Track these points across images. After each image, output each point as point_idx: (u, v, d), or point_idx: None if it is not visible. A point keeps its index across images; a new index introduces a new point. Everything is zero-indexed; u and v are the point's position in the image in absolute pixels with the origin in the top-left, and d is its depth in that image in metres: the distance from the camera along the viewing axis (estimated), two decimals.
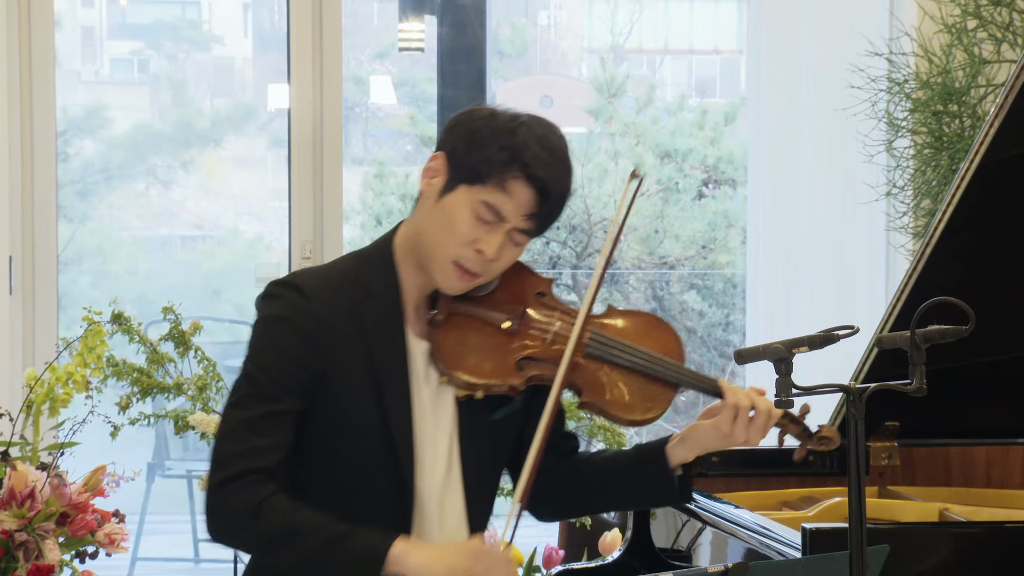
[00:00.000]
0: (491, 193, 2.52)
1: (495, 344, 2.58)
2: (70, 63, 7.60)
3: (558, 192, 2.53)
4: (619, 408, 2.58)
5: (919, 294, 3.24)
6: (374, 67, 8.23)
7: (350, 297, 2.56)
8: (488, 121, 2.55)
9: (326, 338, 2.53)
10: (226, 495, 2.49)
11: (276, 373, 2.53)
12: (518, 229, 2.54)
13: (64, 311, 5.35)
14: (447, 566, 2.44)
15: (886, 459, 3.54)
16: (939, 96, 4.78)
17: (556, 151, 2.54)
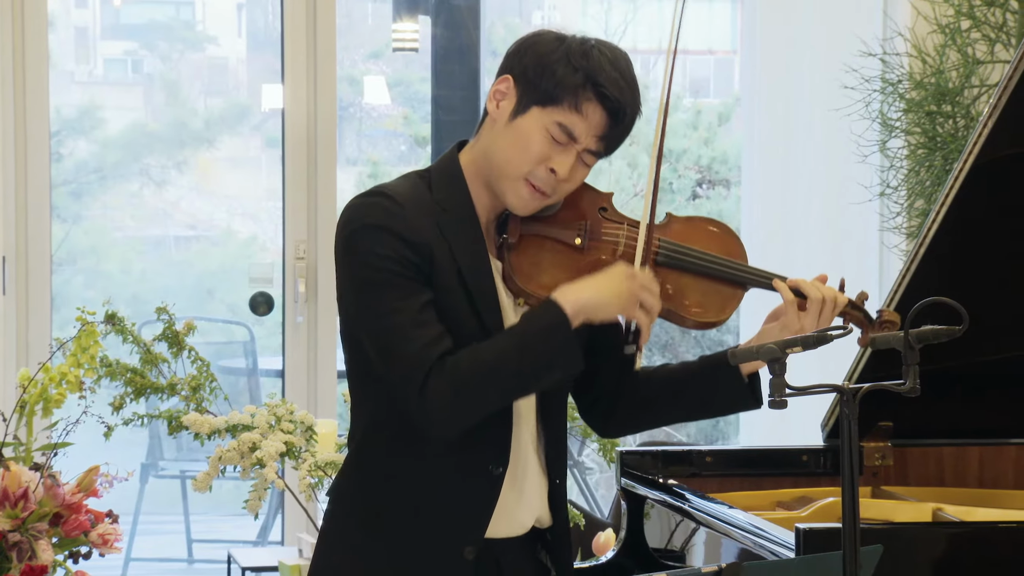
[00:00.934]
0: (565, 114, 2.56)
1: (568, 261, 2.65)
2: (64, 63, 7.59)
3: (630, 113, 2.59)
4: (694, 312, 2.67)
5: (913, 294, 3.24)
6: (368, 67, 8.22)
7: (431, 209, 2.59)
8: (559, 44, 2.58)
9: (425, 241, 2.55)
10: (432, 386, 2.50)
11: (402, 269, 2.54)
12: (589, 150, 2.59)
13: (58, 311, 5.35)
14: (614, 293, 2.56)
15: (879, 459, 3.54)
16: (933, 96, 4.78)
17: (627, 74, 2.58)
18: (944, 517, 3.18)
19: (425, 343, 2.52)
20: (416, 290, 2.54)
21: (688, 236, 2.72)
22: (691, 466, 3.50)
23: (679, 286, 2.68)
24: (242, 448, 3.63)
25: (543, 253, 2.65)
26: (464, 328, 2.56)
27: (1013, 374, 3.49)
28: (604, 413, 2.81)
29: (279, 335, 5.49)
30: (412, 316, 2.53)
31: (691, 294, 2.68)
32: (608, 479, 7.23)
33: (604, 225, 2.68)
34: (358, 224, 2.57)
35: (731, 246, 2.73)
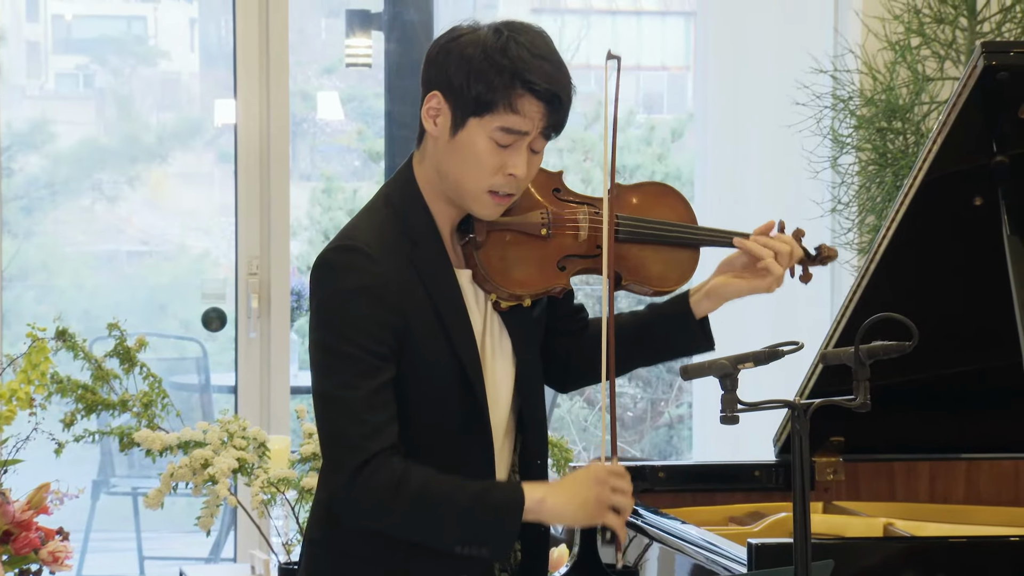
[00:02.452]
0: (503, 117, 2.55)
1: (535, 252, 2.68)
2: (15, 78, 7.55)
3: (566, 93, 2.57)
4: (656, 281, 2.75)
5: (863, 310, 3.25)
6: (321, 83, 8.21)
7: (400, 247, 2.59)
8: (473, 47, 2.57)
9: (398, 295, 2.56)
10: (364, 479, 2.50)
11: (371, 344, 2.53)
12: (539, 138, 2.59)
13: (8, 327, 5.31)
14: (579, 503, 2.56)
15: (831, 474, 3.55)
16: (883, 113, 4.81)
17: (550, 55, 2.58)
18: (895, 532, 3.20)
19: (368, 430, 2.51)
20: (377, 368, 2.54)
21: (641, 206, 2.77)
22: (644, 481, 3.50)
23: (640, 258, 2.75)
24: (194, 465, 3.61)
25: (509, 247, 2.67)
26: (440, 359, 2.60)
27: (963, 389, 3.51)
28: (560, 373, 2.86)
29: (232, 351, 5.47)
30: (364, 397, 2.52)
31: (652, 264, 2.75)
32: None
33: (564, 209, 2.71)
34: (331, 286, 2.56)
35: (681, 209, 2.80)
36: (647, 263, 2.75)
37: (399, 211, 2.63)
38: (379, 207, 2.66)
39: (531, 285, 2.69)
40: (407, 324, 2.57)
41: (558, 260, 2.70)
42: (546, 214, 2.69)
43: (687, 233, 2.77)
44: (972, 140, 3.18)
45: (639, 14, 8.72)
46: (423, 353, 2.59)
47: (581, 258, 2.71)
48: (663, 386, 8.28)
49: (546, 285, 2.71)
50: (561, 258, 2.70)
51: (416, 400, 2.61)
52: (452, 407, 2.63)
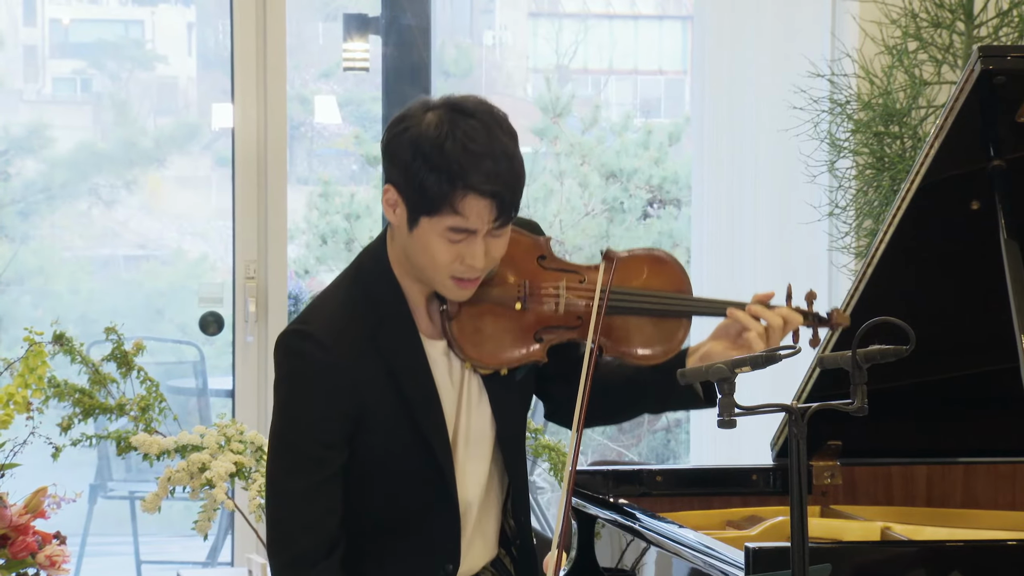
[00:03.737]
0: (450, 218, 2.52)
1: (510, 324, 2.64)
2: (12, 82, 7.55)
3: (510, 186, 2.53)
4: (641, 354, 2.70)
5: (861, 314, 3.25)
6: (319, 87, 8.21)
7: (363, 329, 2.58)
8: (415, 144, 2.51)
9: (353, 381, 2.55)
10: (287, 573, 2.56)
11: (316, 435, 2.55)
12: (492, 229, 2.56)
13: (5, 331, 5.31)
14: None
15: (828, 478, 3.56)
16: (880, 117, 4.81)
17: (490, 146, 2.51)
18: (892, 536, 3.20)
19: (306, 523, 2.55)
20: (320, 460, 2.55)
21: (630, 275, 2.71)
22: (641, 485, 3.50)
23: (624, 329, 2.69)
24: (191, 469, 3.61)
25: (484, 319, 2.63)
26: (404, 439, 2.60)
27: (960, 393, 3.51)
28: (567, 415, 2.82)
29: (229, 355, 5.47)
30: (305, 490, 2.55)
31: (637, 335, 2.70)
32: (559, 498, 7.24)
33: (543, 279, 2.66)
34: (282, 372, 2.59)
35: (674, 277, 2.74)
36: (632, 334, 2.71)
37: (367, 286, 2.62)
38: (346, 283, 2.66)
39: (505, 358, 2.65)
40: (363, 408, 2.57)
41: (535, 332, 2.66)
42: (523, 286, 2.65)
43: (676, 304, 2.72)
44: (969, 144, 3.18)
45: (636, 18, 8.72)
46: (385, 434, 2.59)
47: (560, 329, 2.66)
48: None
49: (521, 357, 2.67)
50: (539, 330, 2.66)
51: (379, 479, 2.62)
52: (417, 485, 2.63)
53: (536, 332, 2.65)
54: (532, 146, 8.38)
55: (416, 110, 2.56)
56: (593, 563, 3.41)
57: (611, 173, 8.33)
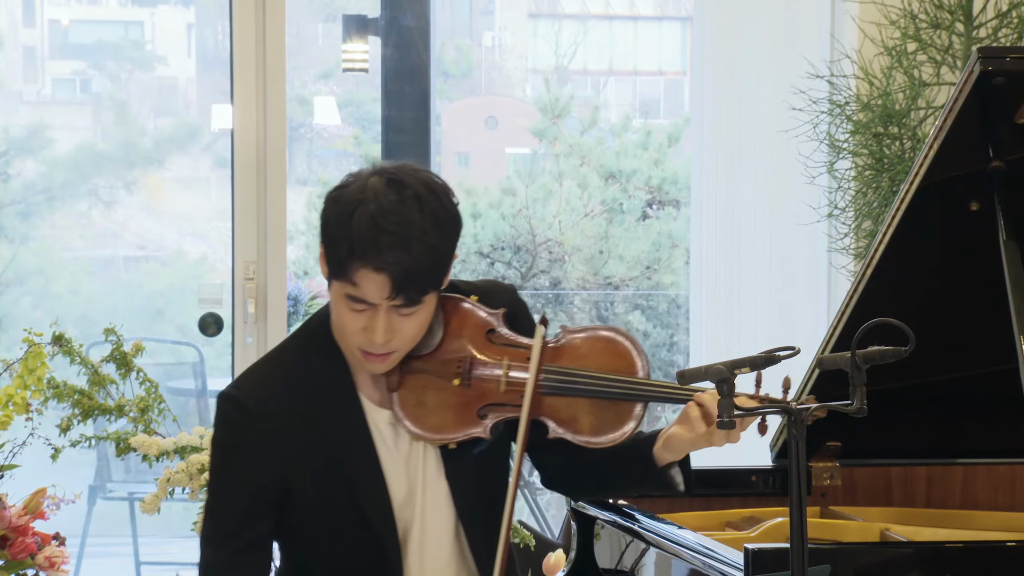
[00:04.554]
0: (348, 286, 2.47)
1: (452, 399, 2.57)
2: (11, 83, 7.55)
3: (409, 270, 2.44)
4: (588, 435, 2.59)
5: (860, 315, 3.25)
6: (318, 87, 8.21)
7: (299, 397, 2.54)
8: (331, 209, 2.48)
9: (279, 449, 2.52)
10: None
11: (237, 505, 2.53)
12: (395, 307, 2.48)
13: (5, 332, 5.31)
14: None
15: (828, 479, 3.56)
16: (879, 118, 4.81)
17: (399, 225, 2.44)
18: (892, 537, 3.20)
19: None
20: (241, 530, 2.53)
21: (581, 356, 2.60)
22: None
23: (571, 410, 2.58)
24: (191, 470, 3.61)
25: (426, 392, 2.57)
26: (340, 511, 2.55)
27: (959, 394, 3.51)
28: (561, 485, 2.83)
29: (228, 356, 5.47)
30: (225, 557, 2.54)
31: (583, 418, 2.59)
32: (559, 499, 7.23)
33: (487, 356, 2.58)
34: (214, 436, 2.57)
35: (626, 360, 2.61)
36: (578, 417, 2.59)
37: (310, 352, 2.57)
38: (291, 347, 2.61)
39: (448, 432, 2.58)
40: (292, 482, 2.53)
41: (478, 409, 2.58)
42: (464, 363, 2.58)
43: (623, 387, 2.58)
44: (969, 145, 3.18)
45: (636, 19, 8.73)
46: (319, 503, 2.54)
47: (505, 407, 2.57)
48: None
49: (463, 431, 2.58)
50: (481, 407, 2.58)
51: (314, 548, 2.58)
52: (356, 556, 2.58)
53: (479, 409, 2.57)
54: (531, 147, 8.38)
55: (362, 174, 2.51)
56: (592, 564, 3.41)
57: (610, 174, 8.33)
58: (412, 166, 2.53)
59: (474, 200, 8.18)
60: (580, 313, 8.38)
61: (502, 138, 8.61)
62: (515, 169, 8.38)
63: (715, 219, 5.59)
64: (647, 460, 2.64)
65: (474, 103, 8.75)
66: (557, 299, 8.38)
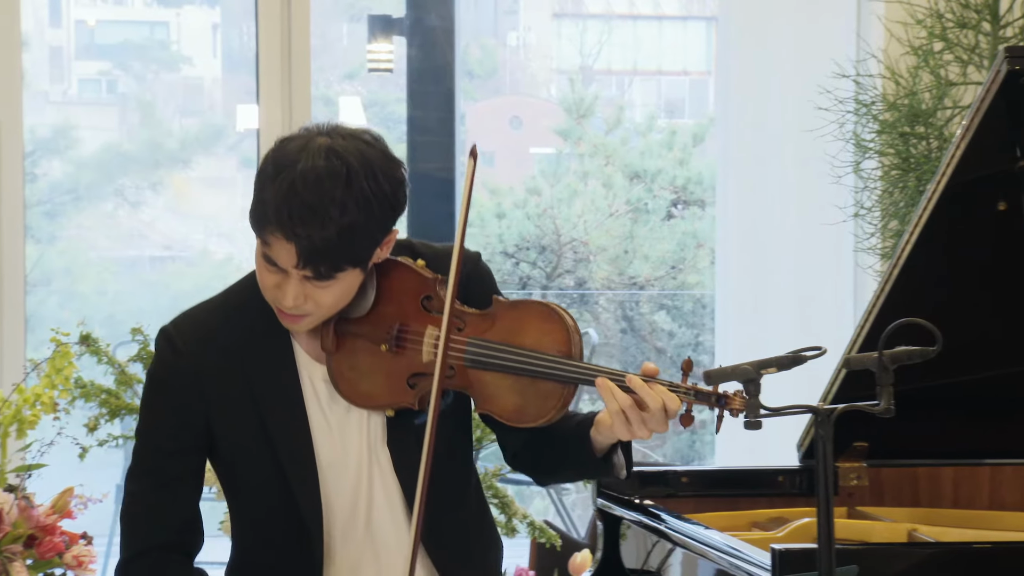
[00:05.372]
0: (262, 245, 2.41)
1: (383, 365, 2.48)
2: (38, 83, 7.59)
3: (318, 247, 2.35)
4: (511, 414, 2.47)
5: (887, 315, 3.25)
6: (343, 88, 8.23)
7: (232, 341, 2.49)
8: (267, 160, 2.41)
9: (203, 390, 2.47)
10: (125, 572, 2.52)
11: (159, 440, 2.50)
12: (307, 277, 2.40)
13: (32, 332, 5.33)
14: None
15: (855, 479, 3.55)
16: (906, 118, 4.80)
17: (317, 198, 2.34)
18: (919, 537, 3.19)
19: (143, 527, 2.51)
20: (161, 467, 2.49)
21: (507, 329, 2.46)
22: (667, 486, 3.50)
23: (495, 387, 2.46)
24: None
25: (358, 356, 2.48)
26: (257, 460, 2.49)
27: (986, 394, 3.50)
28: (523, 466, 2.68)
29: None
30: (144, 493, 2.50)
31: (507, 395, 2.46)
32: (585, 499, 7.23)
33: (416, 324, 2.47)
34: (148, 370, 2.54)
35: (557, 337, 2.45)
36: (502, 393, 2.46)
37: (256, 297, 2.48)
38: (237, 287, 2.56)
39: (378, 400, 2.48)
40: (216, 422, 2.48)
41: (407, 377, 2.47)
42: (392, 329, 2.47)
43: (546, 366, 2.43)
44: (995, 144, 3.17)
45: (660, 19, 8.72)
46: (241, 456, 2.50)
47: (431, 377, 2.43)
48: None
49: (393, 401, 2.48)
50: (410, 375, 2.47)
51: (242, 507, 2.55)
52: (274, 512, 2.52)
53: (408, 378, 2.47)
54: (556, 147, 8.38)
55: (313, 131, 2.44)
56: (619, 564, 3.41)
57: (635, 174, 8.32)
58: (369, 136, 2.44)
59: (499, 200, 8.19)
60: (605, 313, 8.38)
61: (527, 138, 8.61)
62: (540, 169, 8.38)
63: (741, 219, 5.58)
64: (584, 443, 2.50)
65: (499, 103, 8.75)
66: (582, 299, 8.38)
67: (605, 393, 2.42)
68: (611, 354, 8.30)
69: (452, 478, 2.57)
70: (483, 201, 8.15)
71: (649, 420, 2.42)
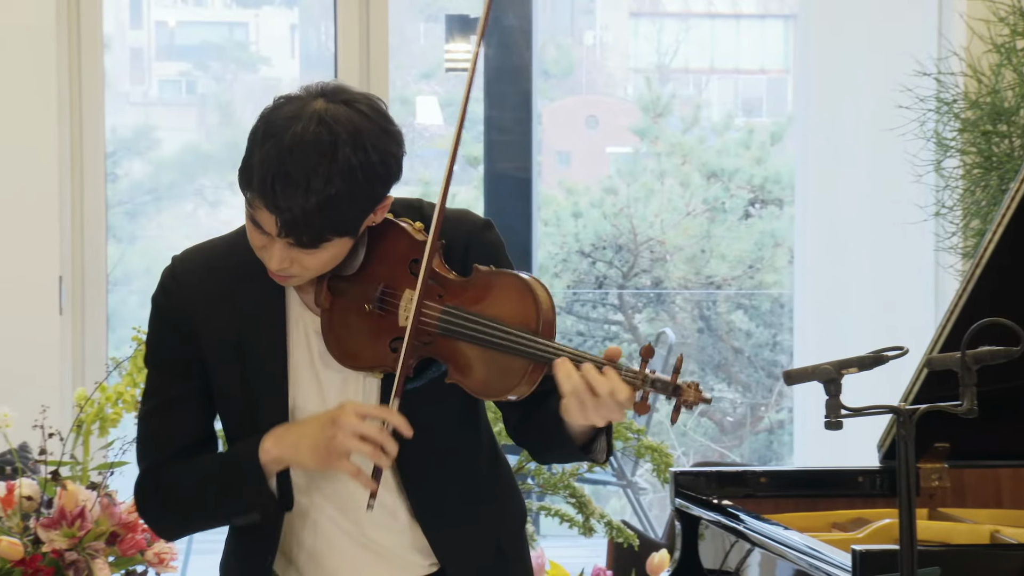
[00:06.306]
0: (249, 208, 2.37)
1: (368, 326, 2.43)
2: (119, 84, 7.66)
3: (297, 216, 2.31)
4: (478, 386, 2.41)
5: (969, 314, 3.22)
6: (420, 87, 8.25)
7: (230, 276, 2.48)
8: (261, 120, 2.38)
9: (193, 320, 2.47)
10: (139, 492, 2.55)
11: (159, 361, 2.51)
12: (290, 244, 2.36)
13: (113, 331, 5.38)
14: (309, 446, 2.39)
15: (936, 480, 3.52)
16: (988, 116, 4.76)
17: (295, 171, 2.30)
18: (1002, 539, 3.16)
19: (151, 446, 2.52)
20: (163, 386, 2.50)
21: (482, 300, 2.40)
22: (745, 487, 3.48)
23: (466, 356, 2.40)
24: None
25: (348, 315, 2.44)
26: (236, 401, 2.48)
27: None
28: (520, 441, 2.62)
29: None
30: (149, 413, 2.52)
31: (477, 366, 2.40)
32: (662, 499, 7.22)
33: (399, 286, 2.42)
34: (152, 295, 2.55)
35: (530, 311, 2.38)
36: (472, 363, 2.39)
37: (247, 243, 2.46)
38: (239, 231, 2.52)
39: (361, 361, 2.43)
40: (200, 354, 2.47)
41: (389, 340, 2.42)
42: (377, 289, 2.43)
43: (511, 340, 2.35)
44: None
45: (738, 17, 8.69)
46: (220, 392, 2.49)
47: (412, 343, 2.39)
48: (763, 391, 8.24)
49: (376, 363, 2.43)
50: (392, 339, 2.42)
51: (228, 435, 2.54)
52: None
53: (390, 341, 2.42)
54: (632, 146, 8.37)
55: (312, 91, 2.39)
56: (697, 564, 3.40)
57: (712, 173, 8.30)
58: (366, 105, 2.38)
59: (575, 199, 8.18)
60: (682, 312, 8.36)
61: (603, 137, 8.61)
62: (616, 168, 8.37)
63: (819, 218, 5.55)
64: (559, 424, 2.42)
65: (575, 102, 8.75)
66: (659, 298, 8.36)
67: (560, 374, 2.34)
68: (688, 354, 8.28)
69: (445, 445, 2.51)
70: (559, 200, 8.15)
71: (600, 406, 2.33)
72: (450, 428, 2.52)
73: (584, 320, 8.35)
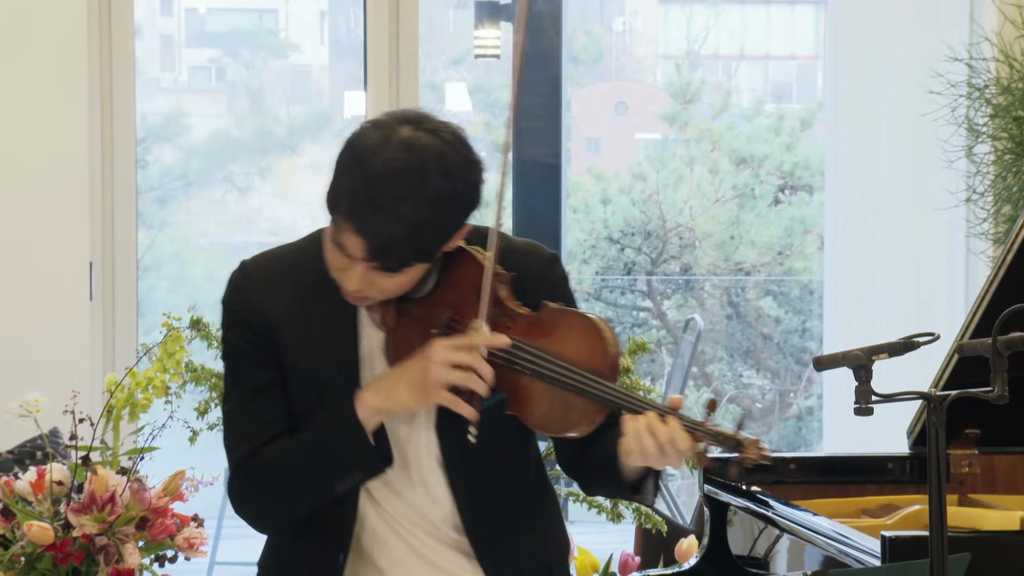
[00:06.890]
0: (335, 230, 2.40)
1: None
2: (149, 71, 7.68)
3: (386, 242, 2.35)
4: (538, 421, 2.45)
5: (1001, 300, 3.20)
6: (450, 74, 8.26)
7: (300, 284, 2.52)
8: (348, 147, 2.41)
9: (265, 319, 2.50)
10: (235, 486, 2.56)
11: (239, 355, 2.53)
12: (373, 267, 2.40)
13: (143, 317, 5.40)
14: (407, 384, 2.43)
15: (966, 467, 3.51)
16: (1020, 101, 4.73)
17: (384, 198, 2.34)
18: None
19: (240, 439, 2.53)
20: (248, 377, 2.52)
21: (549, 336, 2.44)
22: (774, 473, 3.48)
23: (528, 391, 2.43)
24: None
25: (412, 337, 2.47)
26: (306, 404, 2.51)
27: None
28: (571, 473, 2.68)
29: None
30: (236, 408, 2.53)
31: (538, 402, 2.43)
32: (690, 485, 7.21)
33: (467, 315, 2.46)
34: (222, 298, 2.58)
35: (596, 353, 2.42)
36: (533, 399, 2.43)
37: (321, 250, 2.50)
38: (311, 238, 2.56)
39: None
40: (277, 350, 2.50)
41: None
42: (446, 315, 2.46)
43: (576, 380, 2.40)
44: None
45: (768, 3, 8.66)
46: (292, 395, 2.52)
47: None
48: (792, 377, 8.23)
49: None
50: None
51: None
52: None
53: None
54: (662, 132, 8.36)
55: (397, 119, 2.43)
56: (725, 550, 3.39)
57: (742, 159, 8.28)
58: (450, 133, 2.43)
59: (604, 186, 8.17)
60: (711, 299, 8.34)
61: (632, 124, 8.59)
62: (645, 154, 8.36)
63: (850, 204, 5.53)
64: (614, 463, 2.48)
65: (604, 89, 8.74)
66: (687, 285, 8.35)
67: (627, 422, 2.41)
68: (716, 340, 8.27)
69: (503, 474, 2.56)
70: (588, 186, 8.14)
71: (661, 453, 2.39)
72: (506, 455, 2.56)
73: (613, 306, 8.34)
